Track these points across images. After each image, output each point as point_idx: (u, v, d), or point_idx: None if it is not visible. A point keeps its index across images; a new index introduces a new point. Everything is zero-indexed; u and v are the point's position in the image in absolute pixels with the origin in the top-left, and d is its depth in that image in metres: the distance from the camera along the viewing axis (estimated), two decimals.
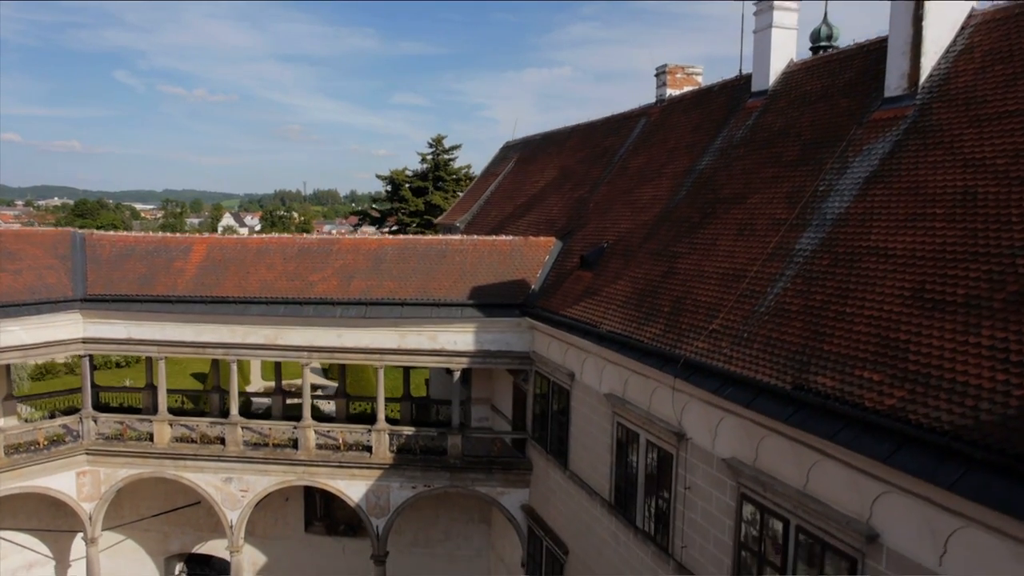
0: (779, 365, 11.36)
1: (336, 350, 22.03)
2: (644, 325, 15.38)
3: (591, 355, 17.61)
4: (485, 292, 21.51)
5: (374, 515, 22.31)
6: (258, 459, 22.47)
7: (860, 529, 9.53)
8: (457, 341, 21.50)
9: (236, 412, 22.81)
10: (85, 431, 23.05)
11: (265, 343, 22.18)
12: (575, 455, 18.69)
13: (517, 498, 21.81)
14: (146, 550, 26.97)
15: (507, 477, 21.78)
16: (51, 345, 22.28)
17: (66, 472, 22.77)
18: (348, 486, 22.31)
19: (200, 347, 22.53)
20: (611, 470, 16.69)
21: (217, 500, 22.80)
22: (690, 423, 13.57)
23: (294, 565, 26.53)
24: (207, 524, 26.61)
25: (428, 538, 25.79)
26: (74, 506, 23.09)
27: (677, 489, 14.01)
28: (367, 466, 22.12)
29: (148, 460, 22.93)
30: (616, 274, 18.23)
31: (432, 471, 21.99)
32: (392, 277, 22.13)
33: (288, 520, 26.57)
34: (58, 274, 22.72)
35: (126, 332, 22.64)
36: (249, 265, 22.92)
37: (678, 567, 13.84)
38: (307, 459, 22.28)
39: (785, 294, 12.52)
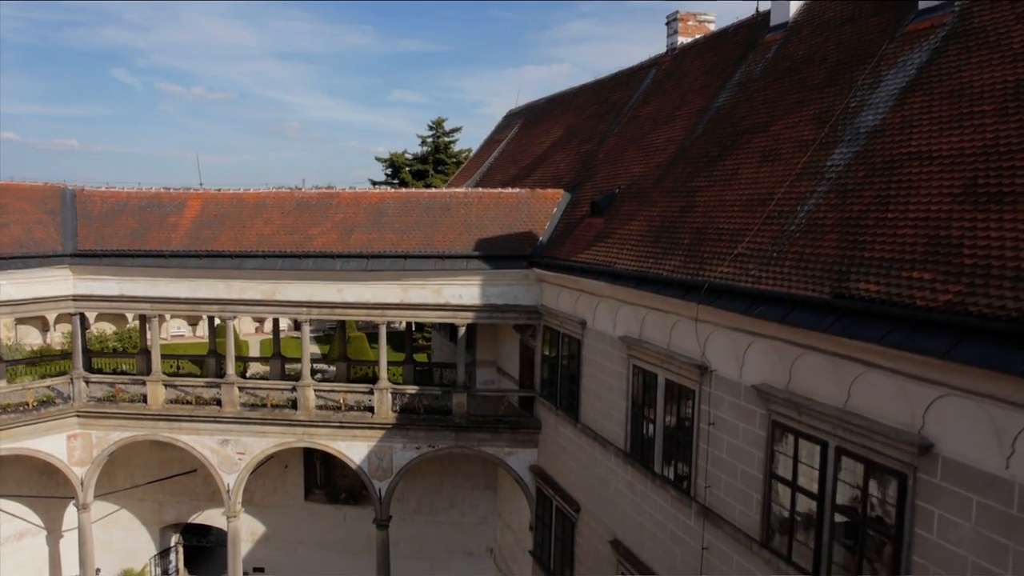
0: (815, 278, 10.53)
1: (336, 305, 21.18)
2: (662, 259, 14.55)
3: (604, 299, 16.79)
4: (491, 244, 20.67)
5: (376, 478, 21.49)
6: (255, 420, 21.63)
7: (911, 440, 8.71)
8: (462, 295, 20.67)
9: (232, 372, 21.98)
10: (76, 392, 22.21)
11: (263, 299, 21.33)
12: (587, 407, 17.87)
13: (525, 458, 20.99)
14: (141, 520, 26.16)
15: (515, 437, 20.95)
16: (40, 302, 21.43)
17: (56, 435, 21.94)
18: (349, 448, 21.48)
19: (195, 304, 21.69)
20: (626, 417, 15.87)
21: (213, 463, 21.97)
22: (715, 354, 12.75)
23: (294, 534, 25.73)
24: (204, 493, 25.82)
25: (432, 505, 24.99)
26: (65, 471, 22.25)
27: (699, 427, 13.19)
28: (369, 426, 21.29)
29: (141, 422, 22.10)
30: (629, 216, 17.41)
31: (437, 431, 21.16)
32: (394, 230, 21.28)
33: (287, 488, 25.76)
34: (47, 229, 21.86)
35: (118, 288, 21.79)
36: (246, 220, 22.07)
37: (702, 509, 13.02)
38: (306, 419, 21.45)
39: (817, 210, 11.68)
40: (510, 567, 23.39)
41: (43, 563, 25.07)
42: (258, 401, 21.98)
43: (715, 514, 12.68)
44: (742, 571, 12.01)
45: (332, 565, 25.52)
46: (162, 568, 26.37)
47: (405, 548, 24.14)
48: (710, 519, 12.82)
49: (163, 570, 26.41)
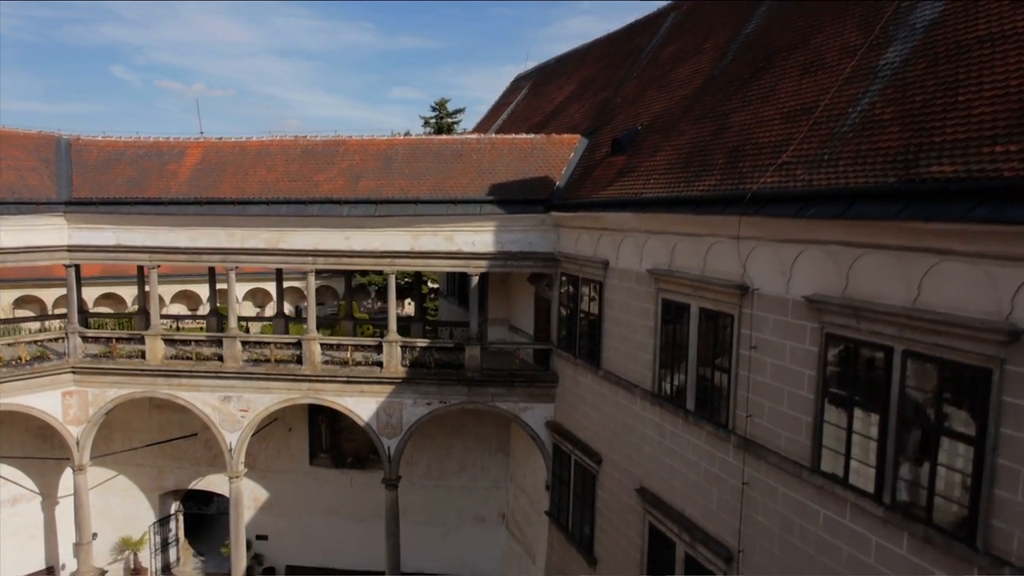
0: (876, 170, 9.58)
1: (344, 254, 20.23)
2: (694, 182, 13.60)
3: (629, 234, 15.85)
4: (506, 189, 19.73)
5: (385, 435, 20.54)
6: (259, 375, 20.68)
7: (997, 329, 7.77)
8: (475, 242, 19.72)
9: (235, 325, 21.02)
10: (71, 348, 21.27)
11: (266, 247, 20.38)
12: (609, 353, 16.93)
13: (541, 414, 20.05)
14: (139, 486, 25.24)
15: (530, 391, 20.01)
16: (33, 251, 20.48)
17: (51, 391, 20.99)
18: (357, 404, 20.54)
19: (195, 253, 20.73)
20: (654, 355, 14.92)
21: (215, 421, 21.02)
22: (757, 270, 11.80)
23: (298, 500, 24.81)
24: (204, 457, 24.91)
25: (442, 470, 24.07)
26: (60, 430, 21.31)
27: (739, 354, 12.24)
28: (377, 381, 20.35)
29: (140, 379, 21.14)
30: (654, 148, 16.46)
31: (448, 386, 20.22)
32: (403, 176, 20.33)
33: (291, 452, 24.83)
34: (41, 176, 20.90)
35: (115, 238, 20.84)
36: (248, 167, 21.12)
37: (742, 442, 12.08)
38: (312, 374, 20.50)
39: (872, 108, 10.73)
40: (524, 531, 22.47)
41: (38, 530, 24.15)
42: (262, 356, 21.03)
43: (757, 445, 11.75)
44: (789, 502, 11.08)
45: (338, 532, 24.60)
46: (161, 536, 25.45)
47: (414, 514, 23.22)
48: (751, 451, 11.89)
49: (163, 538, 25.49)
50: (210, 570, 25.78)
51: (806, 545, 10.70)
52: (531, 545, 21.78)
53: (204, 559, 26.54)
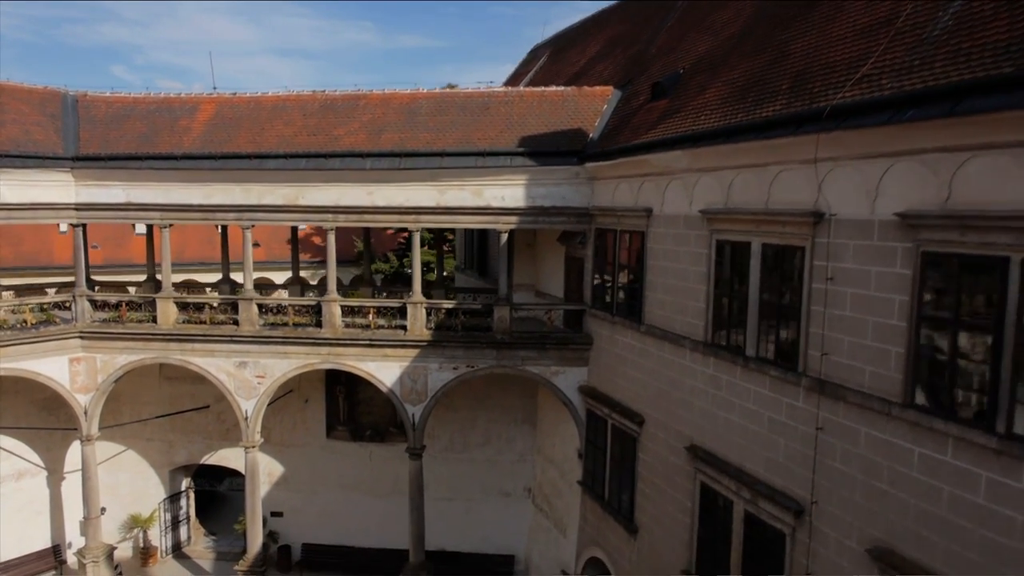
0: (986, 63, 8.57)
1: (366, 211, 19.23)
2: (755, 110, 12.59)
3: (677, 176, 14.85)
4: (537, 141, 18.74)
5: (409, 402, 19.54)
6: (276, 339, 19.68)
7: None
8: (505, 196, 18.73)
9: (251, 286, 20.02)
10: (78, 312, 20.26)
11: (284, 204, 19.38)
12: (652, 306, 15.93)
13: (574, 378, 19.06)
14: (149, 462, 24.25)
15: (562, 355, 19.02)
16: (39, 208, 19.47)
17: (57, 357, 20.00)
18: (379, 369, 19.55)
19: (210, 211, 19.72)
20: (707, 304, 13.91)
21: (230, 388, 20.03)
22: (836, 193, 10.78)
23: (314, 474, 23.82)
24: (217, 431, 23.93)
25: (466, 442, 23.08)
26: (68, 398, 20.31)
27: (811, 289, 11.23)
28: (401, 344, 19.35)
29: (151, 344, 20.14)
30: (701, 87, 15.46)
31: (476, 349, 19.23)
32: (428, 129, 19.34)
33: (308, 426, 23.83)
34: (46, 131, 19.90)
35: (125, 196, 19.85)
36: (264, 122, 20.13)
37: (816, 383, 11.07)
38: (333, 338, 19.50)
39: (968, 6, 9.72)
40: (553, 505, 21.46)
41: (43, 505, 23.16)
42: (279, 320, 20.03)
43: (834, 385, 10.74)
44: (874, 444, 10.07)
45: (356, 508, 23.61)
46: (172, 514, 24.45)
47: (436, 489, 22.20)
48: (827, 393, 10.88)
49: (173, 516, 24.49)
50: (222, 549, 24.79)
51: (897, 489, 9.70)
52: (561, 518, 20.79)
53: (216, 538, 25.55)
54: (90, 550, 20.97)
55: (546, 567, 21.54)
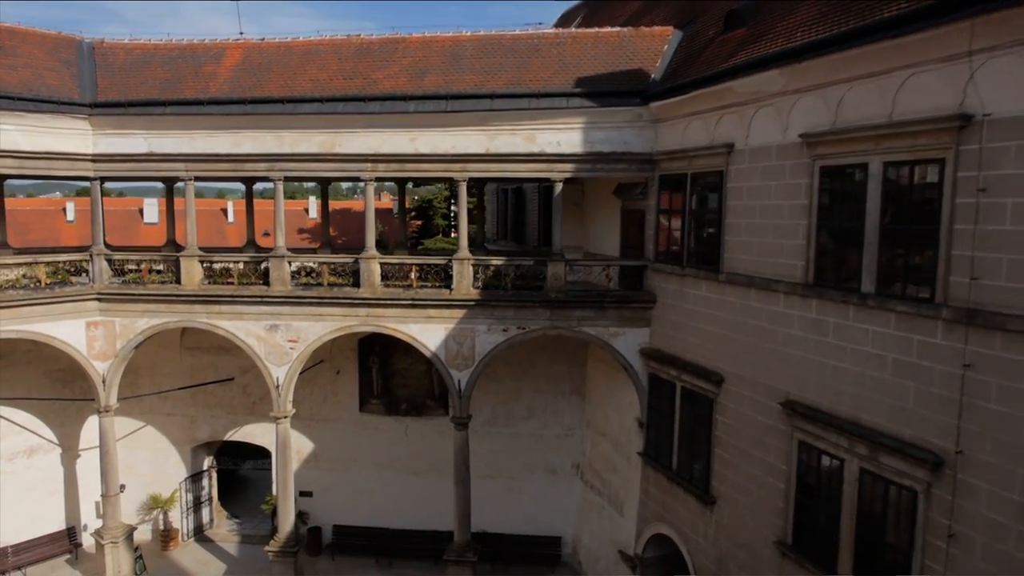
0: None
1: (408, 159, 17.73)
2: (871, 15, 11.05)
3: (767, 102, 13.32)
4: (594, 82, 17.25)
5: (455, 367, 18.04)
6: (310, 300, 18.19)
7: None
8: (560, 142, 17.23)
9: (283, 243, 18.52)
10: (96, 273, 18.78)
11: (320, 152, 17.89)
12: (734, 252, 14.40)
13: (634, 340, 17.55)
14: (169, 439, 22.77)
15: (622, 314, 17.51)
16: (54, 158, 17.99)
17: (74, 320, 18.52)
18: (422, 331, 18.05)
19: (238, 161, 18.23)
20: (808, 239, 12.38)
21: (260, 354, 18.53)
22: (991, 89, 9.22)
23: (347, 450, 22.32)
24: (242, 405, 22.46)
25: (509, 416, 21.57)
26: (84, 365, 18.82)
27: (955, 205, 9.69)
28: (446, 304, 17.85)
29: (174, 306, 18.65)
30: (788, 9, 13.94)
31: (528, 309, 17.72)
32: (474, 72, 17.85)
33: (339, 398, 22.33)
34: (61, 77, 18.43)
35: (146, 146, 18.36)
36: (296, 67, 18.65)
37: (961, 314, 9.53)
38: (372, 297, 18.00)
39: None
40: (606, 480, 19.92)
41: (57, 484, 21.69)
42: (313, 280, 18.53)
43: (988, 313, 9.19)
44: None
45: (391, 487, 22.10)
46: (193, 494, 22.95)
47: (478, 466, 20.50)
48: (979, 323, 9.34)
49: (195, 496, 22.99)
50: (247, 531, 23.30)
51: None
52: (617, 495, 19.27)
53: (239, 520, 24.06)
54: (108, 530, 19.47)
55: (599, 548, 20.01)
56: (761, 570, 13.55)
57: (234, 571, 20.99)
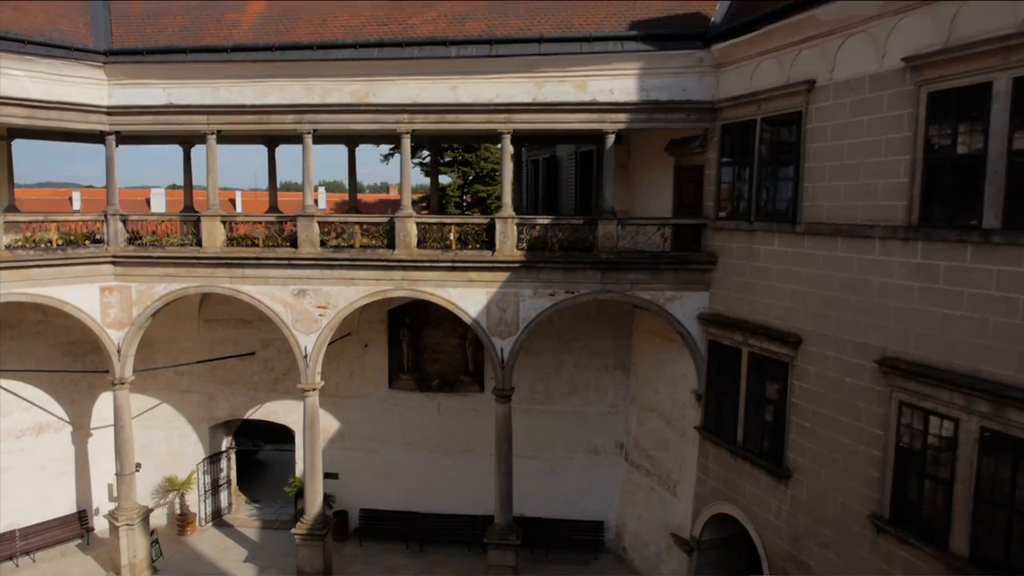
0: None
1: (448, 109, 16.43)
2: None
3: (858, 29, 11.99)
4: (650, 25, 15.96)
5: (497, 335, 16.76)
6: (341, 262, 16.91)
7: None
8: (614, 89, 15.94)
9: (311, 202, 17.24)
10: (111, 234, 17.53)
11: (352, 102, 16.61)
12: (816, 199, 13.09)
13: (692, 304, 16.26)
14: (186, 417, 21.49)
15: (679, 277, 16.22)
16: (67, 109, 16.72)
17: (87, 285, 17.26)
18: (462, 296, 16.77)
19: (264, 113, 16.95)
20: (912, 175, 11.03)
21: (287, 321, 17.25)
22: None
23: (375, 429, 21.05)
24: (263, 381, 21.20)
25: (548, 392, 20.26)
26: (98, 333, 17.55)
27: None
28: (488, 267, 16.57)
29: (194, 270, 17.38)
30: None
31: (577, 272, 16.43)
32: (519, 16, 16.60)
33: (367, 374, 21.04)
34: (75, 23, 17.20)
35: (165, 96, 17.10)
36: (325, 13, 17.42)
37: None
38: (408, 259, 16.72)
39: None
40: (656, 460, 18.60)
41: (68, 465, 20.42)
42: (344, 242, 17.25)
43: None
44: None
45: (423, 468, 20.80)
46: (211, 476, 21.66)
47: (515, 445, 18.86)
48: None
49: (213, 479, 21.71)
50: (268, 516, 22.02)
51: None
52: (669, 474, 17.95)
53: (259, 505, 22.78)
54: (123, 511, 18.19)
55: (647, 533, 18.70)
56: (851, 548, 12.23)
57: (256, 557, 19.70)
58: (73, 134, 20.12)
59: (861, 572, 11.98)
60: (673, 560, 17.47)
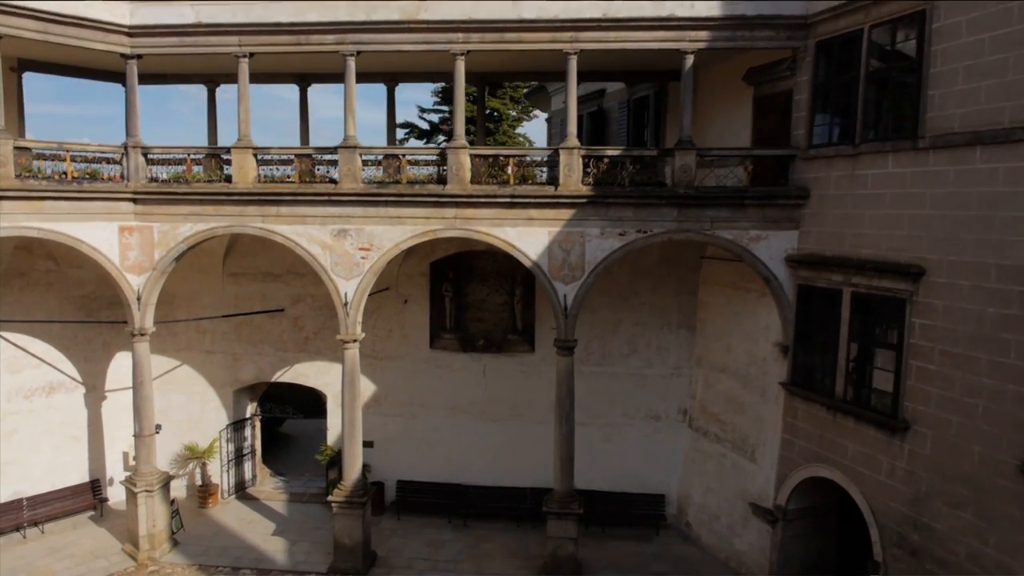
0: None
1: (508, 26, 14.74)
2: None
3: None
4: None
5: (560, 280, 15.09)
6: (387, 198, 15.26)
7: None
8: (694, 3, 14.26)
9: (353, 132, 15.57)
10: (131, 168, 15.86)
11: (401, 20, 14.92)
12: (944, 107, 11.40)
13: (779, 245, 14.59)
14: (208, 380, 19.83)
15: (765, 214, 14.55)
16: (83, 25, 15.03)
17: (105, 223, 15.62)
18: (520, 236, 15.11)
19: (301, 33, 15.26)
20: None
21: (325, 265, 15.59)
22: None
23: (414, 393, 19.38)
24: (293, 340, 19.56)
25: (605, 352, 18.55)
26: (117, 278, 15.89)
27: None
28: (551, 203, 14.92)
29: (223, 208, 15.73)
30: None
31: (650, 208, 14.76)
32: None
33: (406, 332, 19.36)
34: None
35: (193, 15, 15.43)
36: None
37: None
38: (461, 195, 15.05)
39: None
40: (729, 424, 16.87)
41: (80, 429, 18.76)
42: (389, 177, 15.59)
43: None
44: None
45: (466, 436, 19.08)
46: (235, 445, 19.96)
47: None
48: None
49: (236, 448, 20.01)
50: (295, 489, 20.33)
51: None
52: (745, 438, 16.24)
53: (285, 478, 21.09)
54: (142, 476, 16.51)
55: (718, 504, 16.99)
56: (993, 505, 10.53)
57: (285, 530, 18.01)
58: (90, 71, 18.65)
59: (1010, 531, 10.28)
60: (750, 533, 15.76)
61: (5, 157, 14.20)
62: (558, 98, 26.79)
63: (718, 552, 16.82)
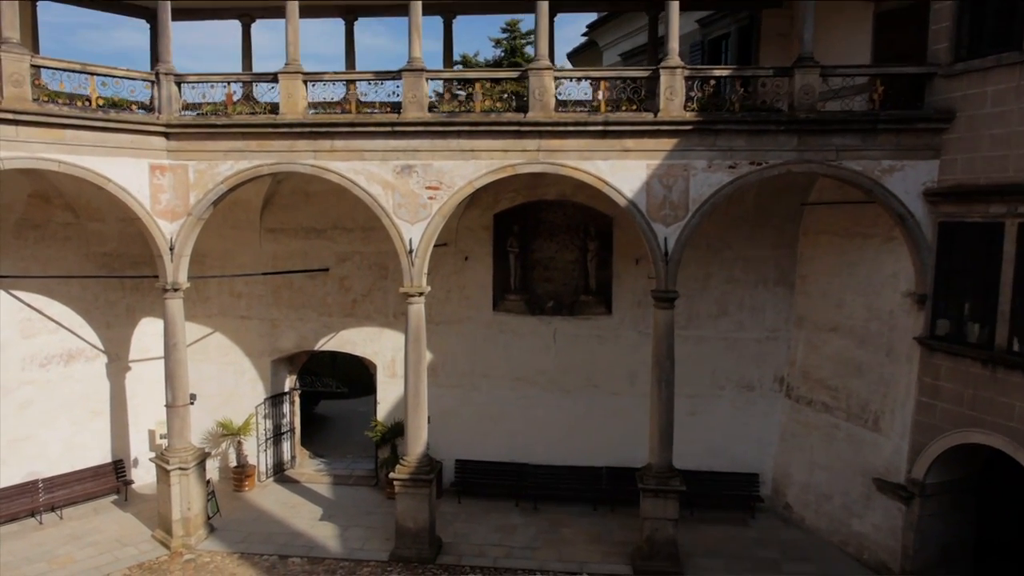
0: None
1: None
2: None
3: None
4: None
5: (659, 220, 13.12)
6: (459, 129, 13.28)
7: None
8: None
9: (419, 54, 13.59)
10: (163, 99, 13.89)
11: None
12: None
13: (916, 177, 12.63)
14: (243, 350, 17.86)
15: (900, 141, 12.59)
16: None
17: (133, 160, 13.66)
18: (614, 170, 13.14)
19: None
20: None
21: (386, 207, 13.62)
22: None
23: (476, 362, 17.43)
24: (338, 304, 17.61)
25: (691, 313, 16.52)
26: (147, 224, 13.94)
27: None
28: (650, 131, 12.96)
29: (269, 143, 13.76)
30: None
31: (766, 136, 12.80)
32: None
33: (467, 293, 17.36)
34: None
35: None
36: None
37: None
38: (545, 122, 13.07)
39: None
40: (840, 392, 14.86)
41: (102, 403, 16.80)
42: (461, 105, 13.61)
43: None
44: None
45: (533, 409, 17.09)
46: (273, 422, 17.96)
47: (645, 382, 15.44)
48: None
49: (275, 425, 18.00)
50: (338, 471, 18.34)
51: None
52: (864, 405, 14.24)
53: (325, 460, 19.10)
54: (175, 452, 14.50)
55: (827, 482, 14.99)
56: None
57: (333, 515, 16.03)
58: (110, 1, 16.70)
59: None
60: (874, 513, 13.74)
61: (21, 76, 12.20)
62: (610, 53, 24.89)
63: (830, 536, 14.80)
